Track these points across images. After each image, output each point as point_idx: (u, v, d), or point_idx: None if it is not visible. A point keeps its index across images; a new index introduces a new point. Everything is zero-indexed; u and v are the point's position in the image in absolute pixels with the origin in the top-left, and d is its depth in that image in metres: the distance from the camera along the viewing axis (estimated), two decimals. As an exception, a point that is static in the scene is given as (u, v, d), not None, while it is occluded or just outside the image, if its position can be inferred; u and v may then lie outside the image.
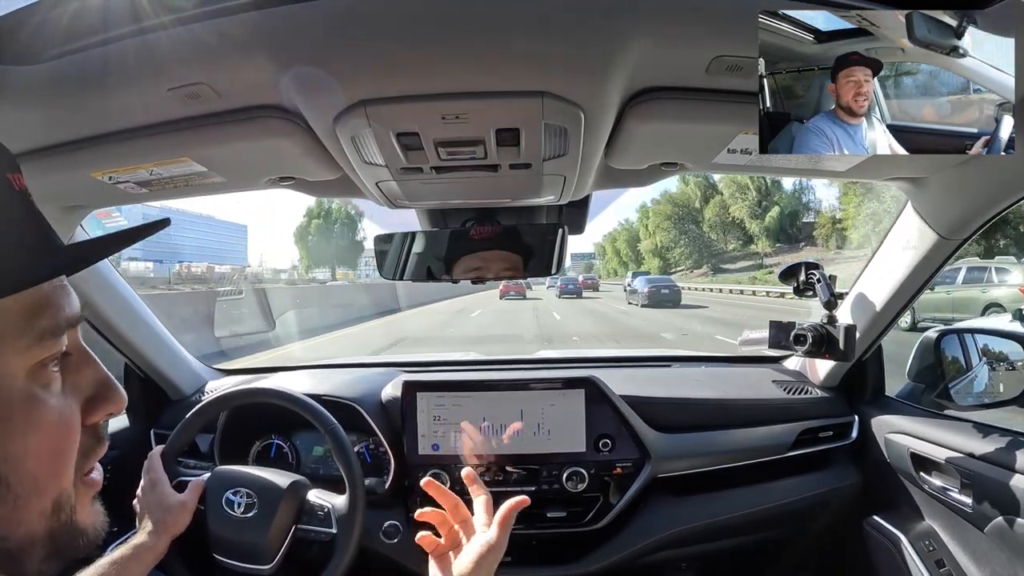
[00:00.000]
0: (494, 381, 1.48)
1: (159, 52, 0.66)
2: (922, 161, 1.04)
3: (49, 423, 0.44)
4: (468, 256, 1.27)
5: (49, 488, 0.44)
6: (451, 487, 1.42)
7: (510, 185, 1.07)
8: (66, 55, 0.67)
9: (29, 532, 0.43)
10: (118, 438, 1.64)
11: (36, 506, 0.43)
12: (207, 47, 0.66)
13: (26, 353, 0.42)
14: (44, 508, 0.44)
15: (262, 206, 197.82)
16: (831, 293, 1.35)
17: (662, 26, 0.65)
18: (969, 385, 1.42)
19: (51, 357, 0.44)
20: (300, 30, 0.64)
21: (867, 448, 1.55)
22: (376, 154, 0.89)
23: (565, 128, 0.82)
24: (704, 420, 1.56)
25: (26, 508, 0.42)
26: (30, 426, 0.42)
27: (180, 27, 0.63)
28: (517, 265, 1.25)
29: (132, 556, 1.05)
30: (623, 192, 1.36)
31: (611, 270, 78.09)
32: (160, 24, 0.63)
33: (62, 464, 0.45)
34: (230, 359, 7.01)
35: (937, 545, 1.29)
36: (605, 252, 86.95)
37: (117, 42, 0.65)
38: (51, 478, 0.44)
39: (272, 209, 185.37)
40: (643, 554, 1.46)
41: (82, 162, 0.93)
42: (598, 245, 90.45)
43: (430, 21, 0.63)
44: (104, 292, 1.47)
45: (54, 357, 0.45)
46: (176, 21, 0.62)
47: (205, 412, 1.33)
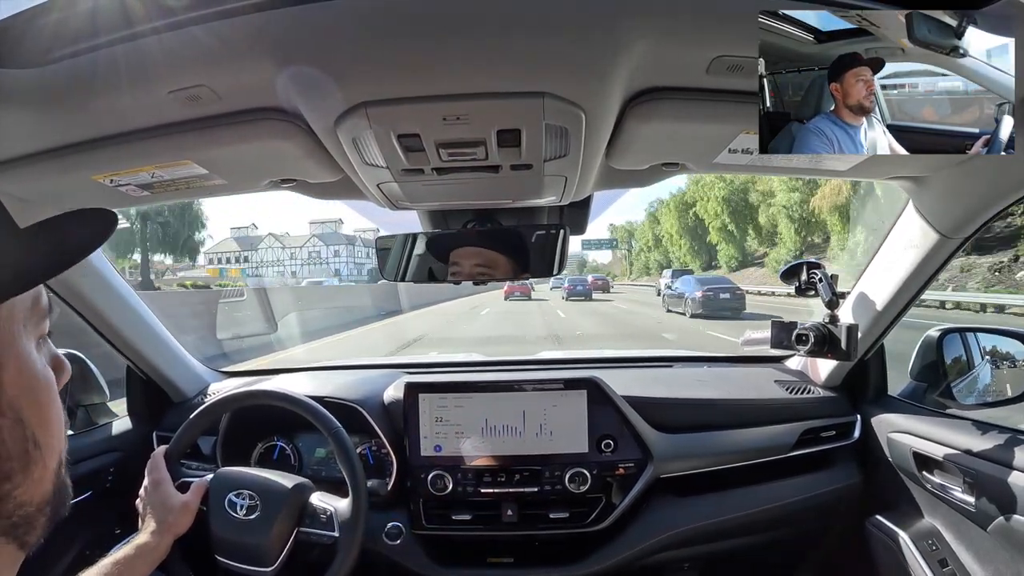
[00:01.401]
0: (496, 382, 1.48)
1: (159, 55, 0.67)
2: (923, 160, 1.04)
3: (55, 391, 0.50)
4: (469, 257, 1.27)
5: (57, 448, 0.50)
6: (453, 488, 1.43)
7: (511, 186, 1.07)
8: (67, 58, 0.67)
9: (43, 493, 0.48)
10: (121, 440, 1.64)
11: (51, 465, 0.49)
12: (207, 49, 0.66)
13: (34, 332, 0.49)
14: (55, 467, 0.50)
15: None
16: (833, 292, 1.35)
17: (663, 26, 0.65)
18: (971, 384, 1.41)
19: (42, 335, 0.51)
20: (300, 32, 0.64)
21: (869, 447, 1.54)
22: (377, 156, 0.89)
23: (566, 129, 0.83)
24: (706, 420, 1.56)
25: (47, 469, 0.48)
26: (52, 396, 0.50)
27: (180, 30, 0.63)
28: (518, 266, 1.25)
29: (135, 556, 1.06)
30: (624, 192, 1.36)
31: (644, 266, 63.19)
32: (160, 27, 0.63)
33: (63, 426, 0.52)
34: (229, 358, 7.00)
35: (940, 544, 1.29)
36: (632, 240, 72.14)
37: (117, 45, 0.65)
38: (60, 439, 0.51)
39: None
40: (646, 555, 1.45)
41: (83, 165, 0.93)
42: (618, 229, 76.28)
43: (430, 22, 0.63)
44: (105, 294, 1.47)
45: (43, 335, 0.51)
46: (176, 24, 0.62)
47: (207, 414, 1.33)
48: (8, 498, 0.45)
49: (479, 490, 1.44)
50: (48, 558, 1.41)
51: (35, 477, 0.47)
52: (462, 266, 1.27)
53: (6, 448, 0.45)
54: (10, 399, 0.45)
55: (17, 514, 0.46)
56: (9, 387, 0.45)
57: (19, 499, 0.46)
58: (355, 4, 0.60)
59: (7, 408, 0.45)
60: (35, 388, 0.47)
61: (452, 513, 1.45)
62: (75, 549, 1.47)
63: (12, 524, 0.46)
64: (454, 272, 1.28)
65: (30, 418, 0.46)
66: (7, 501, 0.45)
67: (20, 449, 0.46)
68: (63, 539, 1.45)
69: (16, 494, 0.46)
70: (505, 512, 1.43)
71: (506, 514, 1.43)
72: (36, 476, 0.47)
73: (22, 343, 0.47)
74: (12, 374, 0.45)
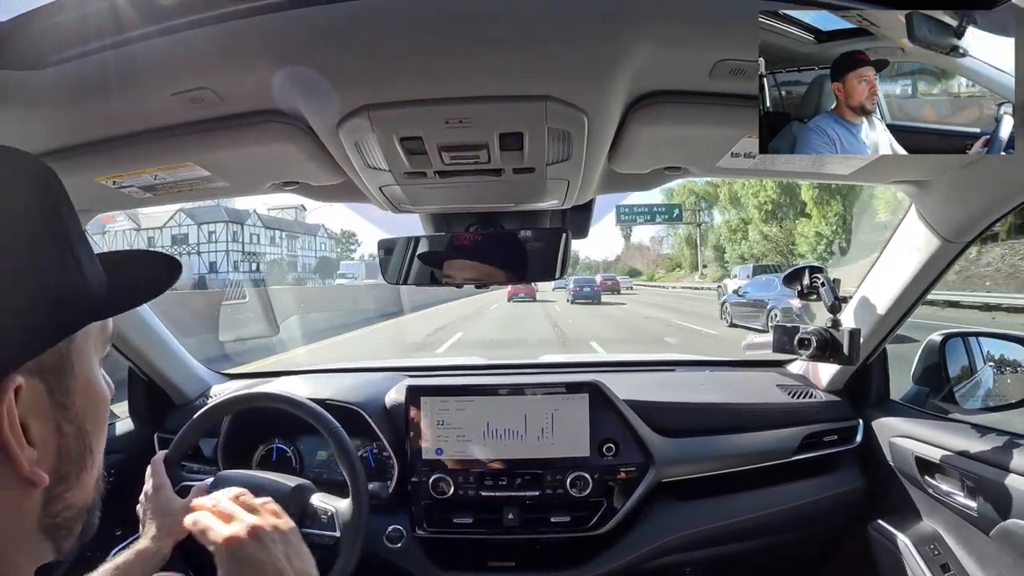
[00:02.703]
0: (498, 385, 1.48)
1: (162, 57, 0.67)
2: (926, 164, 1.04)
3: (109, 407, 0.56)
4: (471, 260, 1.27)
5: (100, 460, 0.54)
6: (455, 491, 1.43)
7: (514, 189, 1.07)
8: (70, 60, 0.67)
9: (86, 499, 0.53)
10: (122, 442, 1.64)
11: (96, 474, 0.54)
12: (210, 52, 0.67)
13: (99, 353, 0.55)
14: (97, 476, 0.54)
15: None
16: (835, 297, 1.35)
17: (665, 30, 0.65)
18: (974, 388, 1.41)
19: (103, 356, 0.56)
20: (303, 35, 0.64)
21: (872, 452, 1.54)
22: (379, 158, 0.89)
23: (569, 132, 0.83)
24: (708, 424, 1.56)
25: (94, 476, 0.53)
26: (108, 410, 0.55)
27: (183, 32, 0.63)
28: (520, 270, 1.25)
29: (135, 561, 1.06)
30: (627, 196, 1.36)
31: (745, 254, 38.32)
32: (163, 29, 0.63)
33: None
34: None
35: (942, 549, 1.29)
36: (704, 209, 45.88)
37: (121, 47, 0.65)
38: (102, 453, 0.55)
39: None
40: (647, 559, 1.45)
41: (86, 167, 0.93)
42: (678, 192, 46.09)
43: (433, 26, 0.63)
44: None
45: (104, 356, 0.57)
46: (179, 26, 0.63)
47: (209, 416, 1.33)
48: (60, 499, 0.50)
49: (480, 493, 1.44)
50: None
51: (84, 482, 0.52)
52: (464, 269, 1.27)
53: (68, 453, 0.49)
54: (78, 409, 0.50)
55: (63, 515, 0.50)
56: (78, 397, 0.50)
57: (68, 501, 0.50)
58: (358, 7, 0.60)
59: (74, 416, 0.49)
60: (97, 402, 0.53)
61: (453, 516, 1.44)
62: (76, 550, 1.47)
63: (55, 524, 0.50)
64: (456, 275, 1.28)
65: (91, 428, 0.52)
66: (58, 502, 0.50)
67: (79, 456, 0.51)
68: None
69: (67, 496, 0.50)
70: (506, 516, 1.43)
71: (507, 518, 1.43)
72: (85, 482, 0.52)
73: (92, 361, 0.53)
74: (82, 386, 0.50)
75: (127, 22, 0.63)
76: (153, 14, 0.62)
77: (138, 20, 0.62)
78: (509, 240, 1.26)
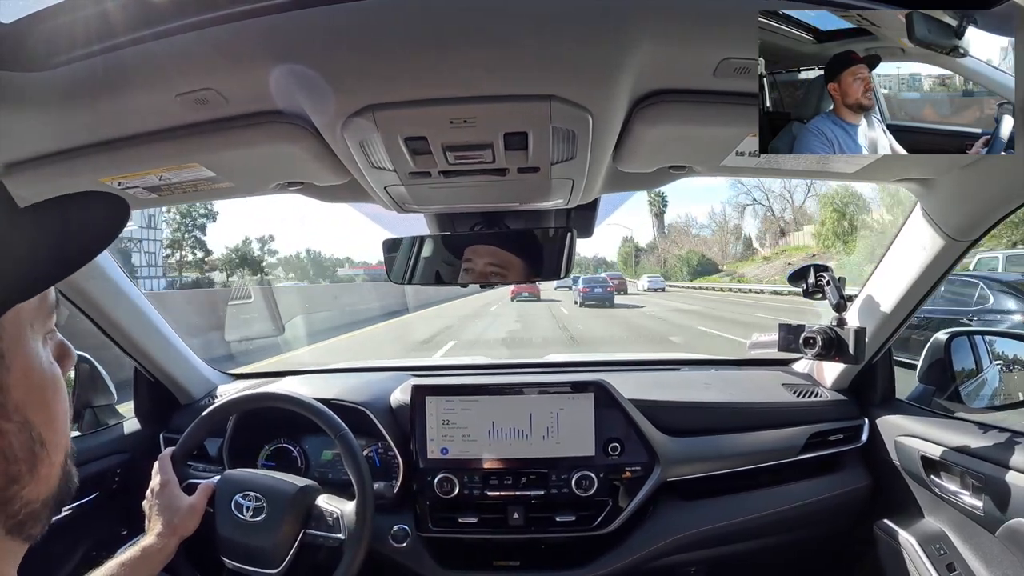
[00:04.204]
0: (503, 385, 1.48)
1: (167, 58, 0.67)
2: (931, 162, 1.04)
3: (62, 385, 0.51)
4: (476, 260, 1.27)
5: (63, 443, 0.51)
6: (460, 491, 1.43)
7: (518, 189, 1.07)
8: (75, 61, 0.67)
9: (49, 488, 0.49)
10: (128, 441, 1.65)
11: (57, 460, 0.50)
12: (215, 53, 0.67)
13: (41, 330, 0.50)
14: (60, 461, 0.50)
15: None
16: (840, 295, 1.34)
17: (670, 29, 0.65)
18: (980, 387, 1.41)
19: (50, 331, 0.52)
20: (308, 36, 0.64)
21: (877, 451, 1.54)
22: (384, 158, 0.89)
23: (573, 131, 0.82)
24: (713, 424, 1.56)
25: (53, 464, 0.49)
26: (58, 392, 0.50)
27: (188, 33, 0.63)
28: (525, 269, 1.25)
29: (141, 558, 1.06)
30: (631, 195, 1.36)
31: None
32: (168, 30, 0.63)
33: (68, 420, 0.52)
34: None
35: (948, 548, 1.28)
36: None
37: (126, 48, 0.65)
38: (66, 433, 0.51)
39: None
40: (652, 558, 1.45)
41: (91, 168, 0.93)
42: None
43: (438, 26, 0.63)
44: (113, 297, 1.48)
45: (51, 330, 0.52)
46: (183, 27, 0.63)
47: (214, 416, 1.34)
48: (15, 499, 0.46)
49: (485, 493, 1.44)
50: (55, 559, 1.41)
51: (41, 475, 0.48)
52: (469, 269, 1.27)
53: (13, 452, 0.45)
54: (16, 402, 0.46)
55: (23, 512, 0.47)
56: (15, 390, 0.45)
57: (26, 498, 0.47)
58: (362, 8, 0.60)
59: (13, 412, 0.45)
60: (41, 387, 0.48)
61: (458, 516, 1.45)
62: (81, 550, 1.47)
63: (18, 522, 0.47)
64: (461, 275, 1.28)
65: (36, 419, 0.47)
66: (14, 502, 0.46)
67: (27, 451, 0.46)
68: (70, 540, 1.46)
69: (23, 494, 0.47)
70: (511, 515, 1.43)
71: (512, 517, 1.43)
72: (42, 474, 0.48)
73: (28, 344, 0.47)
74: (18, 376, 0.46)
75: (132, 23, 0.63)
76: (158, 15, 0.62)
77: (143, 21, 0.63)
78: (514, 239, 1.26)
